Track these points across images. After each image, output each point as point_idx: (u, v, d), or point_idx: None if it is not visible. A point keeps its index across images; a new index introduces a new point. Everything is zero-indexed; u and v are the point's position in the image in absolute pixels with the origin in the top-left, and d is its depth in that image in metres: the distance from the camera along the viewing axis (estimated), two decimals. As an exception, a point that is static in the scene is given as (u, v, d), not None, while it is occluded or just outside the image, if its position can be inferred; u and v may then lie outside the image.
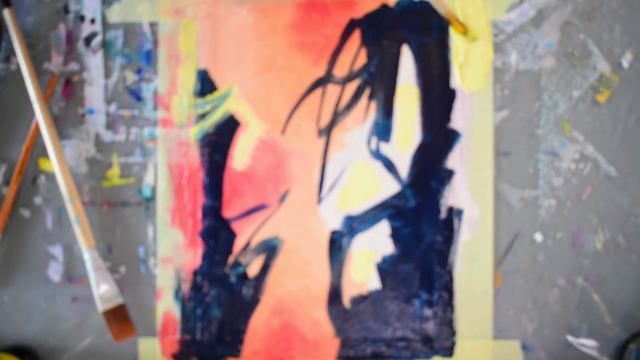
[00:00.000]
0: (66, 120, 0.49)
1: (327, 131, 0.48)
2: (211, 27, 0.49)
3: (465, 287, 0.48)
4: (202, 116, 0.49)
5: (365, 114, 0.48)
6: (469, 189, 0.48)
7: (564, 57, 0.48)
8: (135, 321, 0.49)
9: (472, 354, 0.48)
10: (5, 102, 0.49)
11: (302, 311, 0.48)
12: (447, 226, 0.48)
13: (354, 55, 0.48)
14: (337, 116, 0.48)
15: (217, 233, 0.49)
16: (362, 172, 0.48)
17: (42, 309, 0.49)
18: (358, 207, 0.48)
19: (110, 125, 0.49)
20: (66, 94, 0.49)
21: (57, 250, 0.49)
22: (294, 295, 0.48)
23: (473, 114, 0.48)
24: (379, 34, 0.48)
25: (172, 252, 0.49)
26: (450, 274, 0.48)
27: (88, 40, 0.49)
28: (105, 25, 0.49)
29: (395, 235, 0.48)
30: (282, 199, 0.49)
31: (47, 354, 0.49)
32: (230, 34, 0.49)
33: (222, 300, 0.49)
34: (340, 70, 0.48)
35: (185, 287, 0.49)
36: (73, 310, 0.49)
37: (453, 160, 0.48)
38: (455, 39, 0.48)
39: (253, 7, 0.49)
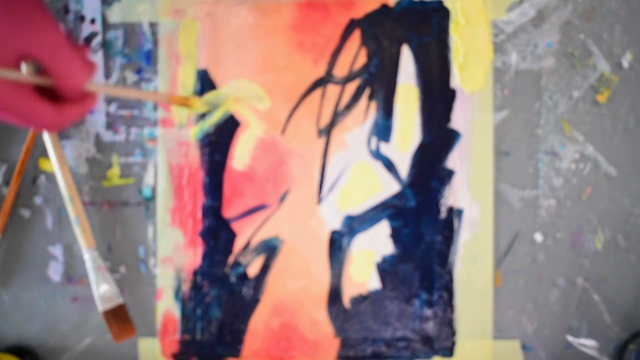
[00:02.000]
0: (66, 120, 0.49)
1: (327, 131, 0.48)
2: (211, 27, 0.49)
3: (465, 287, 0.48)
4: (202, 116, 0.49)
5: (365, 114, 0.48)
6: (469, 189, 0.48)
7: (564, 57, 0.48)
8: (135, 321, 0.49)
9: (472, 354, 0.48)
10: (5, 102, 0.49)
11: (302, 311, 0.48)
12: (447, 226, 0.48)
13: (354, 55, 0.48)
14: (337, 116, 0.48)
15: (217, 233, 0.49)
16: (362, 172, 0.48)
17: (42, 309, 0.49)
18: (358, 207, 0.48)
19: (110, 125, 0.49)
20: (66, 94, 0.49)
21: (57, 250, 0.49)
22: (294, 295, 0.48)
23: (473, 114, 0.48)
24: (379, 34, 0.48)
25: (172, 252, 0.49)
26: (450, 274, 0.48)
27: (88, 40, 0.49)
28: (105, 25, 0.49)
29: (395, 235, 0.48)
30: (282, 199, 0.49)
31: (47, 354, 0.49)
32: (230, 34, 0.49)
33: (222, 300, 0.49)
34: (340, 70, 0.48)
35: (185, 287, 0.49)
36: (73, 310, 0.49)
37: (453, 160, 0.48)
38: (455, 39, 0.48)
39: (253, 7, 0.49)
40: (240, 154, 0.49)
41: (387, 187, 0.48)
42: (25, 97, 0.32)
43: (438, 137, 0.48)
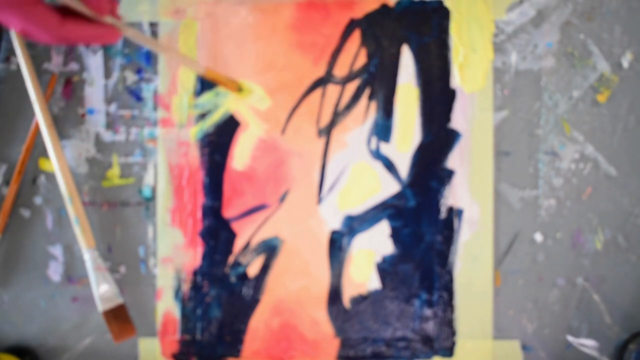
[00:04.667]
0: (66, 120, 0.49)
1: (327, 131, 0.48)
2: (211, 27, 0.49)
3: (465, 287, 0.48)
4: (202, 116, 0.49)
5: (365, 114, 0.48)
6: (469, 189, 0.48)
7: (564, 57, 0.48)
8: (135, 321, 0.49)
9: (472, 354, 0.48)
10: (5, 102, 0.49)
11: (302, 311, 0.48)
12: (447, 226, 0.48)
13: (354, 55, 0.48)
14: (337, 116, 0.48)
15: (217, 233, 0.49)
16: (362, 172, 0.48)
17: (42, 309, 0.49)
18: (358, 207, 0.48)
19: (110, 125, 0.49)
20: (66, 94, 0.49)
21: (57, 250, 0.49)
22: (294, 295, 0.48)
23: (473, 114, 0.48)
24: (379, 34, 0.48)
25: (172, 252, 0.49)
26: (450, 274, 0.48)
27: (88, 40, 0.49)
28: (105, 25, 0.49)
29: (395, 235, 0.48)
30: (282, 199, 0.49)
31: (47, 354, 0.49)
32: (230, 34, 0.49)
33: (222, 300, 0.49)
34: (340, 70, 0.48)
35: (185, 287, 0.49)
36: (73, 310, 0.49)
37: (453, 160, 0.48)
38: (455, 39, 0.48)
39: (253, 7, 0.49)
40: (240, 154, 0.49)
41: (387, 187, 0.48)
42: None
43: (438, 137, 0.48)
